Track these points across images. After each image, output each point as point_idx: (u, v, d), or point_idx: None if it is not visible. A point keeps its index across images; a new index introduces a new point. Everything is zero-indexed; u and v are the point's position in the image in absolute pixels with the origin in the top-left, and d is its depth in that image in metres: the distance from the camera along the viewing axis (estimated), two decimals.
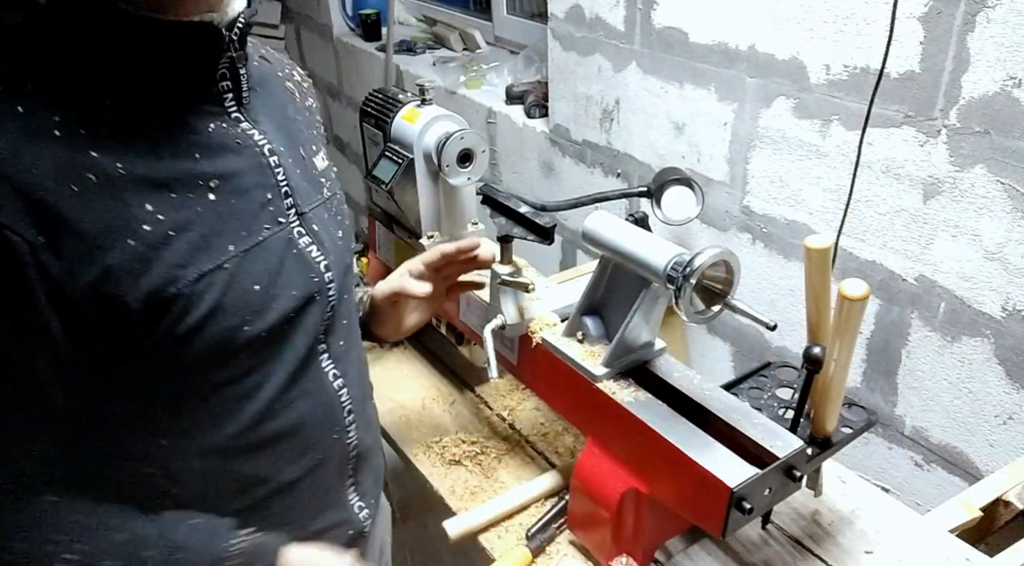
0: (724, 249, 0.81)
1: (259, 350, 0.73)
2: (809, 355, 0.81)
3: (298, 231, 0.77)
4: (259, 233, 0.72)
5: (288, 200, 0.76)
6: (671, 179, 1.52)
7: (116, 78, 0.65)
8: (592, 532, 0.96)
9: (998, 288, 1.18)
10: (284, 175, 0.75)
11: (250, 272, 0.71)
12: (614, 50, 1.74)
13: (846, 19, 1.26)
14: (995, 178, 1.14)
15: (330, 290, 0.80)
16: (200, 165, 0.68)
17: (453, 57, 2.63)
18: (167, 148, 0.67)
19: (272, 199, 0.74)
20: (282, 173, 0.75)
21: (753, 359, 1.65)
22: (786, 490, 0.84)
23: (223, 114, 0.72)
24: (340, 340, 0.85)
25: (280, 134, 0.77)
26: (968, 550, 0.95)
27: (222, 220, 0.69)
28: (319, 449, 0.83)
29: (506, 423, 1.24)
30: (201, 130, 0.69)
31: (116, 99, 0.65)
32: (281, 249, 0.74)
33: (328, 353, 0.82)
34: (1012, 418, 1.23)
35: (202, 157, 0.68)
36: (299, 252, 0.76)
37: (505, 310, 1.02)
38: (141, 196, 0.64)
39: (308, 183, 0.79)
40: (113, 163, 0.63)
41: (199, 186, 0.68)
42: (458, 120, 1.18)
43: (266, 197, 0.73)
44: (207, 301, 0.67)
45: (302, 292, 0.76)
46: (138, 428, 0.71)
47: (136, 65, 0.66)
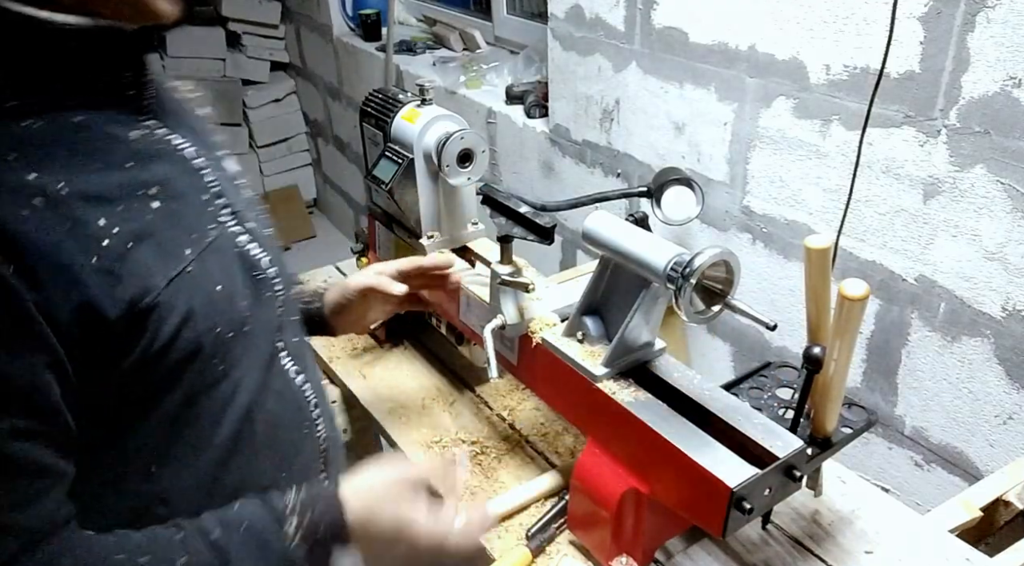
0: (724, 249, 0.81)
1: (230, 352, 0.73)
2: (809, 355, 0.81)
3: (237, 229, 0.77)
4: (207, 235, 0.72)
5: (221, 200, 0.75)
6: (671, 179, 1.53)
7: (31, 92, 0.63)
8: (592, 532, 0.96)
9: (998, 288, 1.18)
10: (211, 176, 0.75)
11: (209, 273, 0.71)
12: (614, 50, 1.74)
13: (846, 19, 1.26)
14: (995, 178, 1.14)
15: (276, 285, 0.81)
16: (136, 173, 0.67)
17: (453, 57, 2.63)
18: (100, 160, 0.65)
19: (207, 200, 0.74)
20: (209, 174, 0.75)
21: (753, 359, 1.65)
22: (786, 490, 0.84)
23: (138, 121, 0.70)
24: (294, 336, 0.85)
25: (192, 136, 0.76)
26: (968, 550, 0.95)
27: (172, 225, 0.68)
28: (295, 447, 0.83)
29: (506, 423, 1.24)
30: (124, 139, 0.68)
31: (35, 115, 0.62)
32: (229, 248, 0.75)
33: (286, 350, 0.83)
34: (1012, 418, 1.23)
35: (135, 166, 0.67)
36: (243, 251, 0.77)
37: (505, 310, 1.02)
38: (91, 211, 0.63)
39: (230, 185, 0.79)
40: (54, 184, 0.61)
41: (141, 195, 0.67)
42: (458, 120, 1.18)
43: (201, 199, 0.73)
44: (179, 306, 0.67)
45: (253, 289, 0.76)
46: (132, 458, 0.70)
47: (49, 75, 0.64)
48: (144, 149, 0.69)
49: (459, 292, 1.15)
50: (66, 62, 0.64)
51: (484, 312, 1.08)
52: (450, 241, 1.25)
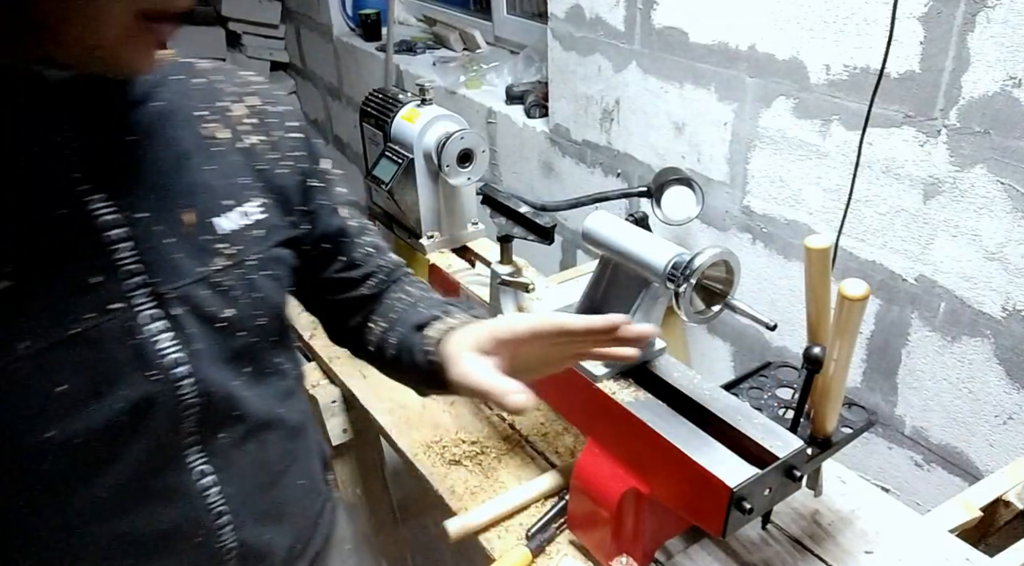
0: (724, 249, 0.81)
1: (78, 455, 0.63)
2: (809, 355, 0.81)
3: (150, 315, 0.64)
4: (75, 324, 0.60)
5: (136, 279, 0.63)
6: (671, 179, 1.53)
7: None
8: (592, 532, 0.96)
9: (998, 288, 1.18)
10: (133, 250, 0.63)
11: (53, 371, 0.60)
12: (614, 50, 1.74)
13: (846, 19, 1.26)
14: (995, 178, 1.14)
15: (181, 389, 0.67)
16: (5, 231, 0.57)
17: (453, 57, 2.63)
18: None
19: (103, 282, 0.62)
20: (129, 249, 0.63)
21: (753, 359, 1.65)
22: (786, 490, 0.84)
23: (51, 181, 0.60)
24: (223, 433, 0.72)
25: (153, 194, 0.65)
26: (968, 550, 0.95)
27: (13, 313, 0.58)
28: (176, 553, 0.72)
29: (506, 423, 1.24)
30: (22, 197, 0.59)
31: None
32: (110, 341, 0.62)
33: (203, 449, 0.70)
34: (1012, 418, 1.23)
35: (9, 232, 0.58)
36: (139, 343, 0.64)
37: (505, 310, 1.02)
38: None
39: (187, 254, 0.67)
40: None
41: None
42: (458, 120, 1.19)
43: (87, 282, 0.61)
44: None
45: (136, 394, 0.64)
46: None
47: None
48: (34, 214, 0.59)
49: (459, 292, 1.15)
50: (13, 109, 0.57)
51: (484, 312, 1.08)
52: (450, 241, 1.25)
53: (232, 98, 0.74)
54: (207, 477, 0.71)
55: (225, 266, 0.69)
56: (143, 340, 0.64)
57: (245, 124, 0.74)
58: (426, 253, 1.23)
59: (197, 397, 0.68)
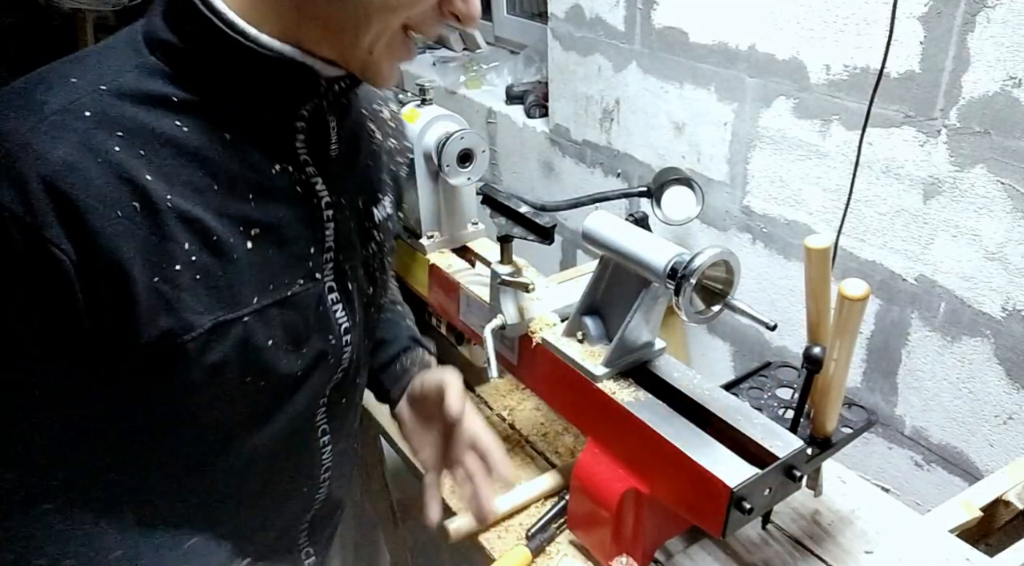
0: (724, 249, 0.81)
1: (258, 403, 0.70)
2: (809, 355, 0.81)
3: (330, 286, 0.72)
4: (290, 287, 0.68)
5: (328, 255, 0.71)
6: (671, 179, 1.52)
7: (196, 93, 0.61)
8: (592, 532, 0.96)
9: (998, 288, 1.18)
10: (333, 230, 0.71)
11: (268, 327, 0.66)
12: (614, 50, 1.74)
13: (846, 19, 1.26)
14: (995, 178, 1.14)
15: (344, 353, 0.76)
16: (249, 209, 0.64)
17: (453, 57, 2.63)
18: (224, 183, 0.62)
19: (313, 254, 0.70)
20: (331, 228, 0.71)
21: (753, 359, 1.65)
22: (786, 490, 0.84)
23: (291, 156, 0.67)
24: (344, 397, 0.81)
25: (344, 181, 0.73)
26: (968, 550, 0.95)
27: (253, 270, 0.64)
28: (283, 502, 0.80)
29: (506, 423, 1.24)
30: (264, 170, 0.65)
31: (189, 115, 0.60)
32: (309, 306, 0.70)
33: (326, 411, 0.79)
34: (1012, 418, 1.23)
35: (254, 200, 0.64)
36: (325, 310, 0.72)
37: (505, 310, 1.02)
38: (181, 234, 0.59)
39: (358, 237, 0.76)
40: (163, 194, 0.58)
41: (240, 232, 0.63)
42: (458, 120, 1.18)
43: (308, 251, 0.69)
44: (215, 353, 0.63)
45: (314, 352, 0.72)
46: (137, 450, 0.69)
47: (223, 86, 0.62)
48: (278, 186, 0.66)
49: (459, 292, 1.15)
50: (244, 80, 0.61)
51: (484, 312, 1.08)
52: (450, 241, 1.25)
53: (380, 102, 0.84)
54: (325, 436, 0.80)
55: (374, 251, 0.79)
56: (327, 308, 0.72)
57: (389, 127, 0.83)
58: (426, 253, 1.23)
59: (348, 362, 0.77)
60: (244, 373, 0.66)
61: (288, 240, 0.67)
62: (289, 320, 0.68)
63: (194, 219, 0.60)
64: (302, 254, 0.69)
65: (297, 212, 0.67)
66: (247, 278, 0.64)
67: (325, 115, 0.67)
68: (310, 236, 0.69)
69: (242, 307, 0.64)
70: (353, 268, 0.75)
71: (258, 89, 0.62)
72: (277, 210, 0.66)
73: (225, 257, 0.62)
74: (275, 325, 0.67)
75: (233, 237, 0.62)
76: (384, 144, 0.82)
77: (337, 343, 0.74)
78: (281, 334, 0.67)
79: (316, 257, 0.70)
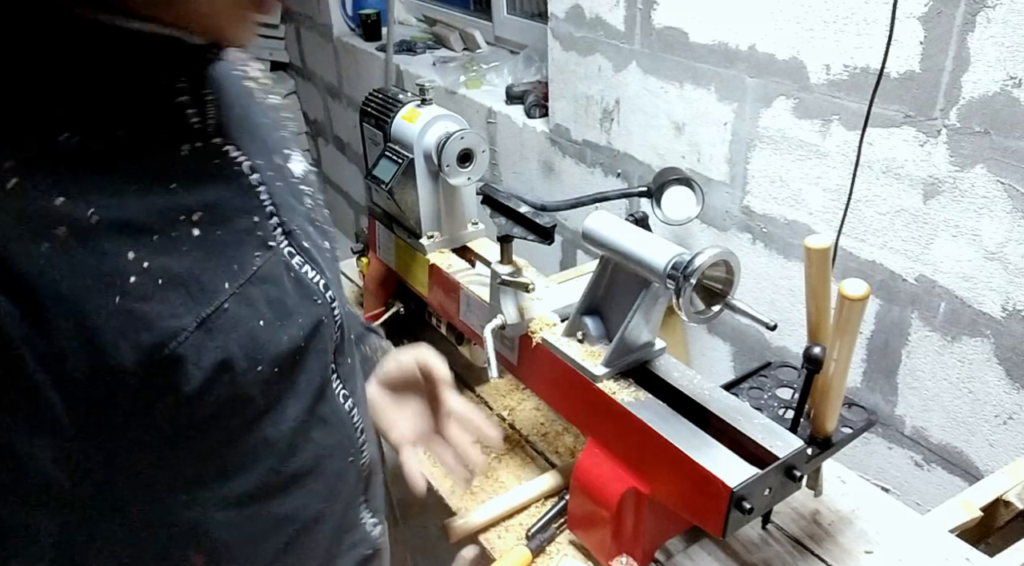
0: (724, 249, 0.81)
1: (272, 387, 0.67)
2: (809, 355, 0.81)
3: (289, 251, 0.69)
4: (252, 263, 0.64)
5: (274, 220, 0.67)
6: (671, 179, 1.53)
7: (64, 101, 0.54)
8: (592, 532, 0.96)
9: (998, 288, 1.18)
10: (267, 192, 0.67)
11: (252, 307, 0.63)
12: (614, 50, 1.74)
13: (846, 19, 1.26)
14: (995, 178, 1.14)
15: (335, 311, 0.74)
16: (179, 197, 0.59)
17: (453, 57, 2.63)
18: (140, 181, 0.57)
19: (259, 222, 0.66)
20: (264, 191, 0.67)
21: (753, 359, 1.65)
22: (786, 490, 0.84)
23: (191, 131, 0.62)
24: (348, 357, 0.79)
25: (254, 143, 0.68)
26: (968, 550, 0.95)
27: (211, 256, 0.60)
28: (340, 477, 0.78)
29: (506, 423, 1.24)
30: (172, 154, 0.60)
31: (69, 128, 0.53)
32: (278, 275, 0.67)
33: (338, 374, 0.77)
34: (1012, 418, 1.23)
35: (180, 186, 0.59)
36: (296, 275, 0.69)
37: (505, 310, 1.02)
38: (121, 244, 0.54)
39: (290, 195, 0.71)
40: (84, 209, 0.52)
41: (181, 222, 0.59)
42: (458, 120, 1.18)
43: (252, 221, 0.65)
44: (212, 349, 0.59)
45: (309, 319, 0.69)
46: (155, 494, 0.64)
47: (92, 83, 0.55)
48: (194, 166, 0.61)
49: (459, 292, 1.15)
50: (114, 70, 0.56)
51: (484, 312, 1.08)
52: (450, 241, 1.25)
53: (242, 61, 0.78)
54: (348, 400, 0.78)
55: (311, 205, 0.75)
56: (297, 272, 0.69)
57: (263, 84, 0.78)
58: (426, 253, 1.23)
59: (341, 319, 0.75)
60: (251, 362, 0.63)
61: (230, 216, 0.63)
62: (270, 294, 0.65)
63: (127, 226, 0.55)
64: (248, 226, 0.65)
65: (226, 185, 0.64)
66: (209, 266, 0.60)
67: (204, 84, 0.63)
68: (249, 205, 0.65)
69: (218, 296, 0.60)
70: (301, 227, 0.72)
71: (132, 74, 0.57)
72: (206, 189, 0.61)
73: (176, 252, 0.58)
74: (259, 304, 0.64)
75: (177, 230, 0.58)
76: (266, 101, 0.77)
77: (323, 302, 0.72)
78: (268, 311, 0.65)
79: (263, 225, 0.66)
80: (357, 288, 1.61)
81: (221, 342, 0.60)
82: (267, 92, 0.79)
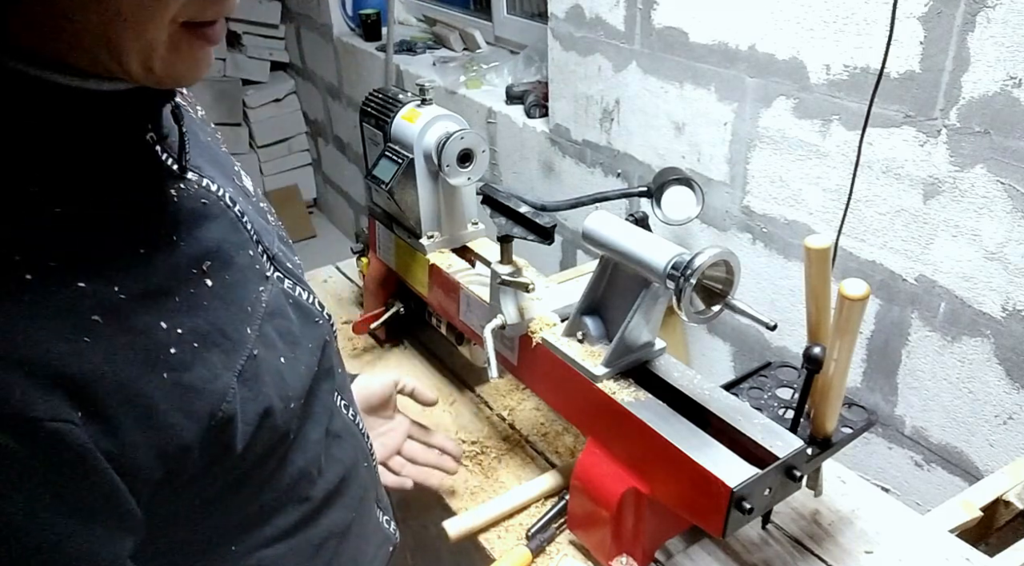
0: (724, 249, 0.81)
1: (297, 419, 0.66)
2: (809, 355, 0.81)
3: (278, 277, 0.67)
4: (260, 300, 0.62)
5: (260, 248, 0.65)
6: (671, 179, 1.53)
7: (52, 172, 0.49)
8: (592, 532, 0.96)
9: (998, 288, 1.18)
10: (249, 221, 0.64)
11: (272, 346, 0.62)
12: (614, 50, 1.74)
13: (846, 19, 1.26)
14: (995, 178, 1.14)
15: (333, 325, 0.74)
16: (184, 248, 0.56)
17: (453, 57, 2.63)
18: (144, 241, 0.53)
19: (253, 255, 0.63)
20: (247, 219, 0.64)
21: (753, 359, 1.65)
22: (786, 490, 0.84)
23: (168, 173, 0.58)
24: (340, 367, 0.79)
25: (218, 171, 0.65)
26: (968, 550, 0.95)
27: (227, 304, 0.58)
28: (361, 486, 0.78)
29: (506, 423, 1.24)
30: (162, 203, 0.56)
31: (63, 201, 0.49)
32: (282, 306, 0.65)
33: (334, 387, 0.76)
34: (1012, 418, 1.23)
35: (182, 238, 0.56)
36: (295, 301, 0.68)
37: (505, 310, 1.02)
38: (150, 315, 0.51)
39: (259, 216, 0.69)
40: (106, 286, 0.49)
41: (195, 275, 0.56)
42: (458, 120, 1.18)
43: (249, 256, 0.62)
44: (253, 399, 0.58)
45: (316, 342, 0.68)
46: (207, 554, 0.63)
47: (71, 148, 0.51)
48: (187, 212, 0.58)
49: (459, 292, 1.15)
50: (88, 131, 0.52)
51: (484, 312, 1.08)
52: (450, 241, 1.25)
53: None
54: (349, 409, 0.78)
55: (274, 221, 0.74)
56: (295, 296, 0.68)
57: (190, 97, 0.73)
58: (426, 253, 1.23)
59: (335, 332, 0.76)
60: (284, 401, 0.62)
61: (232, 255, 0.61)
62: (281, 328, 0.64)
63: (150, 294, 0.52)
64: (247, 262, 0.62)
65: (219, 222, 0.61)
66: (230, 314, 0.58)
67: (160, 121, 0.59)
68: (242, 239, 0.63)
69: (246, 344, 0.59)
70: (280, 248, 0.70)
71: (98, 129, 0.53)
72: (205, 232, 0.59)
73: (199, 308, 0.56)
74: (276, 341, 0.63)
75: (192, 286, 0.56)
76: (198, 115, 0.73)
77: (323, 321, 0.72)
78: (284, 346, 0.63)
79: (256, 256, 0.64)
80: (357, 288, 1.60)
81: (258, 390, 0.58)
82: (194, 106, 0.73)
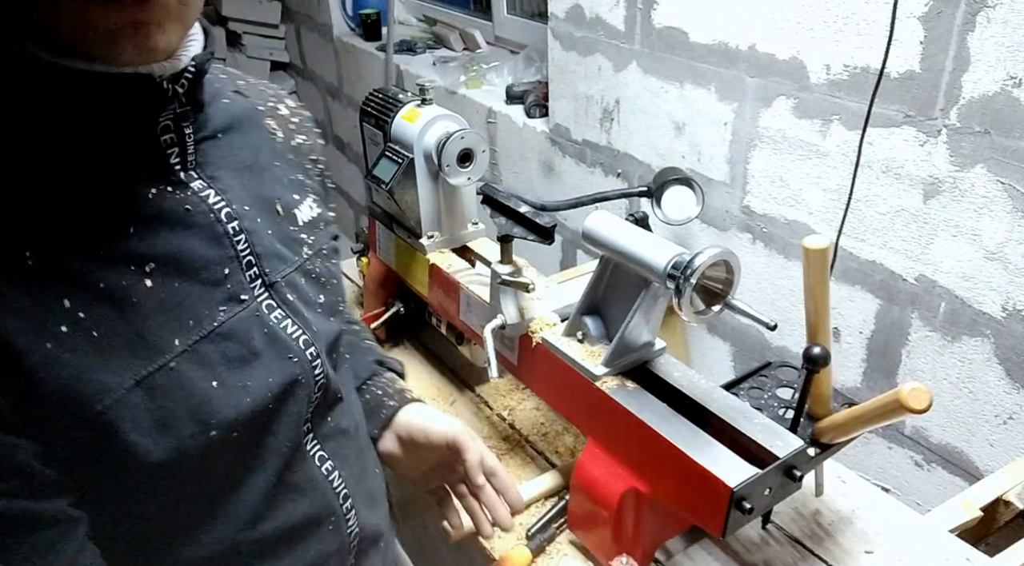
0: (724, 249, 0.81)
1: (233, 452, 0.63)
2: (809, 355, 0.81)
3: (267, 305, 0.65)
4: (213, 318, 0.60)
5: (252, 271, 0.64)
6: (671, 179, 1.52)
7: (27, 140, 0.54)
8: (592, 532, 0.96)
9: (998, 288, 1.18)
10: (247, 242, 0.64)
11: (205, 367, 0.60)
12: (614, 50, 1.74)
13: (846, 19, 1.26)
14: (995, 178, 1.14)
15: (316, 369, 0.69)
16: (134, 244, 0.57)
17: (453, 57, 2.63)
18: (94, 225, 0.55)
19: (230, 274, 0.62)
20: (244, 240, 0.64)
21: (753, 359, 1.65)
22: (786, 490, 0.84)
23: (167, 175, 0.60)
24: (331, 417, 0.74)
25: (246, 189, 0.66)
26: (968, 550, 0.95)
27: (162, 310, 0.57)
28: (316, 545, 0.73)
29: (506, 423, 1.24)
30: (139, 198, 0.57)
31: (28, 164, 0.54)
32: (249, 332, 0.63)
33: (315, 435, 0.72)
34: (1012, 418, 1.23)
35: (138, 233, 0.57)
36: (271, 331, 0.65)
37: (505, 310, 1.02)
38: (57, 290, 0.53)
39: (283, 244, 0.68)
40: (22, 251, 0.52)
41: (131, 272, 0.56)
42: (458, 120, 1.18)
43: (222, 274, 0.62)
44: (151, 409, 0.56)
45: (280, 378, 0.65)
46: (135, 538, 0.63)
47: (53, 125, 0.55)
48: (161, 210, 0.59)
49: (459, 292, 1.15)
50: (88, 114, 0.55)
51: (484, 312, 1.08)
52: (450, 241, 1.25)
53: (274, 99, 0.77)
54: (326, 463, 0.72)
55: (309, 255, 0.72)
56: (272, 328, 0.65)
57: (292, 124, 0.77)
58: (426, 253, 1.23)
59: (324, 378, 0.70)
60: (199, 425, 0.59)
61: (194, 267, 0.60)
62: (230, 352, 0.61)
63: (68, 272, 0.54)
64: (216, 278, 0.61)
65: (194, 234, 0.60)
66: (159, 321, 0.57)
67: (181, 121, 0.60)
68: (220, 256, 0.62)
69: (165, 354, 0.57)
70: (289, 278, 0.68)
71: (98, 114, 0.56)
72: (169, 238, 0.58)
73: (121, 304, 0.56)
74: (214, 363, 0.60)
75: (126, 280, 0.56)
76: (289, 142, 0.75)
77: (301, 360, 0.67)
78: (226, 371, 0.61)
79: (235, 277, 0.63)
80: (357, 288, 1.61)
81: (162, 401, 0.57)
82: (297, 132, 0.76)
